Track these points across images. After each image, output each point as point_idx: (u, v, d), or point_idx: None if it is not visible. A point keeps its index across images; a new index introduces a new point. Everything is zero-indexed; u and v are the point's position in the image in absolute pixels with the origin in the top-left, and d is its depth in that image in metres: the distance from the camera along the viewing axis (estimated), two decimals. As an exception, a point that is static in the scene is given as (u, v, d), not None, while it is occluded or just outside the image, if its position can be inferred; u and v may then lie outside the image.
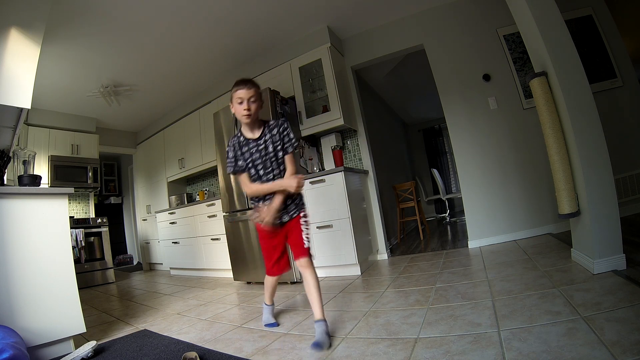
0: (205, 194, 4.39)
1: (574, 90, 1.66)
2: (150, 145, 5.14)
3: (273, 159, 1.51)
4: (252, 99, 1.45)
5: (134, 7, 2.51)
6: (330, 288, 2.33)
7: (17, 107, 1.80)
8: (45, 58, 2.85)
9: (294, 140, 1.54)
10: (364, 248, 2.80)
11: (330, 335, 1.39)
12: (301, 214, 1.57)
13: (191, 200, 4.58)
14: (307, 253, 1.52)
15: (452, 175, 7.22)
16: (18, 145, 2.60)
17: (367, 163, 3.29)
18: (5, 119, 1.95)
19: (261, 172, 1.51)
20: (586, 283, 1.48)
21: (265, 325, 1.72)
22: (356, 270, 2.64)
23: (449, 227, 4.67)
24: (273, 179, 1.51)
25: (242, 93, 1.44)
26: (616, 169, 1.72)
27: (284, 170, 1.53)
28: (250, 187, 1.53)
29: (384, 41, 3.31)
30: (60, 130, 4.27)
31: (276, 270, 1.64)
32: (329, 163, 3.29)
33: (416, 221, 4.90)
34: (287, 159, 1.53)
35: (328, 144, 3.29)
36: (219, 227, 3.43)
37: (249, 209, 2.89)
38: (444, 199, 5.52)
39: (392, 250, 3.45)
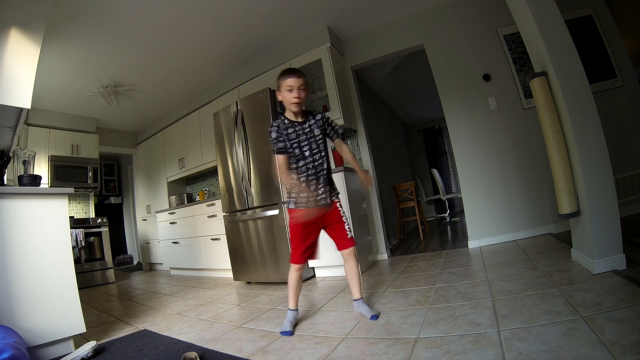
0: (205, 194, 4.39)
1: (574, 90, 1.65)
2: (150, 145, 5.13)
3: (320, 142, 1.62)
4: (301, 87, 1.53)
5: (134, 7, 2.51)
6: (331, 288, 2.33)
7: (17, 107, 1.80)
8: (45, 58, 2.85)
9: (337, 127, 1.69)
10: (364, 248, 2.80)
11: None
12: (338, 202, 1.68)
13: (191, 200, 4.58)
14: (353, 242, 1.64)
15: (452, 175, 7.22)
16: (18, 145, 2.60)
17: (367, 163, 3.29)
18: (5, 119, 1.95)
19: (307, 153, 1.59)
20: (586, 283, 1.48)
21: (281, 332, 1.55)
22: (356, 270, 2.64)
23: (449, 227, 4.67)
24: (320, 159, 1.61)
25: (293, 81, 1.51)
26: (616, 169, 1.71)
27: (327, 152, 1.66)
28: (287, 176, 1.58)
29: (384, 41, 3.31)
30: (60, 130, 4.27)
31: (307, 256, 1.64)
32: (329, 163, 3.29)
33: (416, 221, 4.90)
34: (339, 142, 1.69)
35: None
36: (219, 227, 3.43)
37: (249, 209, 2.89)
38: (444, 199, 5.52)
39: (392, 250, 3.45)
